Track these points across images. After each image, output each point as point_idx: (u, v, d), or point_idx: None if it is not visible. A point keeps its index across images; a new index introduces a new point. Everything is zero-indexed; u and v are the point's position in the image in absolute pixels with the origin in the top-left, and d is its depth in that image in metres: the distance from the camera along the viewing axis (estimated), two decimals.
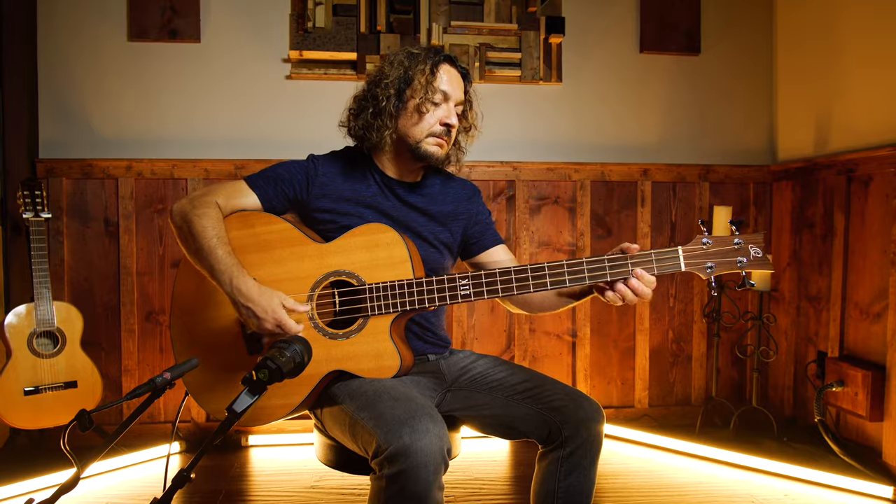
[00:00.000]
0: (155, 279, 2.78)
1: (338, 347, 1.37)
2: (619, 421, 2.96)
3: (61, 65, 2.75)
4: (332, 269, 1.39)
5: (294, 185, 1.50)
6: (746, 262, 1.33)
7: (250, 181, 1.50)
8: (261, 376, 1.04)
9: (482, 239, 1.63)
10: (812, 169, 2.78)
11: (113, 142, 2.78)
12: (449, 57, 1.54)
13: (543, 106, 3.01)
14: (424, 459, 1.12)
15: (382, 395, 1.27)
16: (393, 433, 1.14)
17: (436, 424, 1.17)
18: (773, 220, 3.06)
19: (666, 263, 1.33)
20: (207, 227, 1.37)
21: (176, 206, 1.44)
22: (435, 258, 1.57)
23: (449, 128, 1.51)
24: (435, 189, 1.62)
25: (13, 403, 2.31)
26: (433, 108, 1.49)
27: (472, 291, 1.34)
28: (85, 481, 2.34)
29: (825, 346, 2.71)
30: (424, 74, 1.48)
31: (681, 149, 3.07)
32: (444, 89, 1.49)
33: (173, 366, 1.14)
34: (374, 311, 1.36)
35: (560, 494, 1.42)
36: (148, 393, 1.10)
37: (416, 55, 1.52)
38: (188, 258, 1.43)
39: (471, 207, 1.65)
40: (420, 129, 1.49)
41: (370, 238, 1.39)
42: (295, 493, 2.30)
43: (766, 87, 3.10)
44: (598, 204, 3.01)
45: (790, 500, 2.24)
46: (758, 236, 1.34)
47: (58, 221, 2.69)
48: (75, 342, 2.45)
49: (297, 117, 2.87)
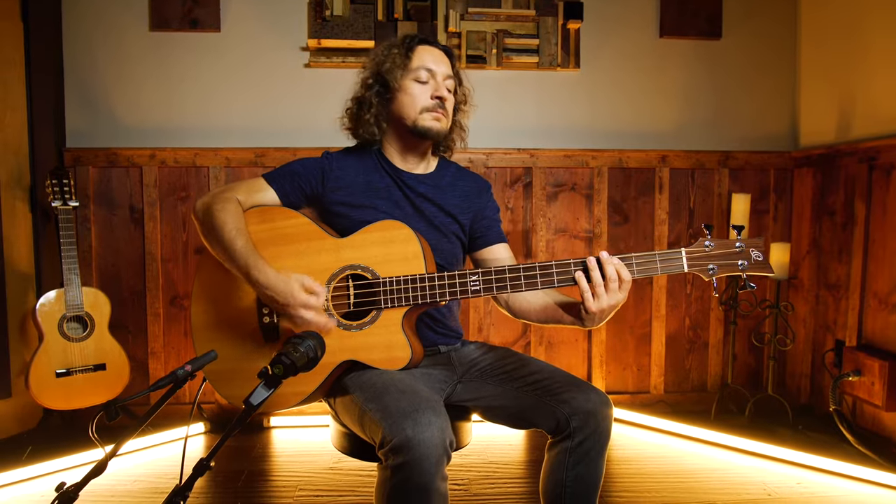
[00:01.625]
0: (179, 265, 2.86)
1: (351, 338, 1.42)
2: (635, 407, 2.98)
3: (86, 55, 2.80)
4: (347, 263, 1.43)
5: (310, 180, 1.55)
6: (747, 265, 1.36)
7: (268, 177, 1.55)
8: (276, 371, 1.09)
9: (486, 235, 1.66)
10: (834, 156, 2.74)
11: (135, 130, 2.84)
12: (424, 38, 1.59)
13: (561, 92, 3.00)
14: (426, 451, 1.16)
15: (390, 388, 1.31)
16: (397, 425, 1.18)
17: (438, 417, 1.20)
18: (793, 206, 3.03)
19: (669, 264, 1.36)
20: (228, 221, 1.42)
21: (198, 203, 1.50)
22: (448, 248, 1.60)
23: (441, 100, 1.55)
24: (446, 181, 1.65)
25: (46, 385, 2.41)
26: (420, 85, 1.54)
27: (482, 287, 1.38)
28: (113, 460, 2.43)
29: (843, 334, 2.70)
30: (401, 56, 1.54)
31: (699, 135, 3.04)
32: (426, 66, 1.54)
33: (194, 358, 1.19)
34: (387, 304, 1.40)
35: (568, 483, 1.46)
36: (170, 384, 1.15)
37: (391, 44, 1.58)
38: (210, 251, 1.48)
39: (479, 202, 1.68)
40: (412, 107, 1.54)
41: (385, 234, 1.43)
42: (314, 473, 2.37)
43: (788, 72, 3.05)
44: (615, 190, 3.00)
45: (802, 488, 2.26)
46: (758, 240, 1.37)
47: (85, 209, 2.77)
48: (103, 326, 2.53)
49: (315, 105, 2.90)
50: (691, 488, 2.26)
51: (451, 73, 1.59)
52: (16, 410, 2.63)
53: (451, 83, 1.58)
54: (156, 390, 1.13)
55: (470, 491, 2.24)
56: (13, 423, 2.63)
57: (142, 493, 2.22)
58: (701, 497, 2.19)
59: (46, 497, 2.18)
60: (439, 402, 1.28)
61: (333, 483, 2.29)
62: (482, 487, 2.27)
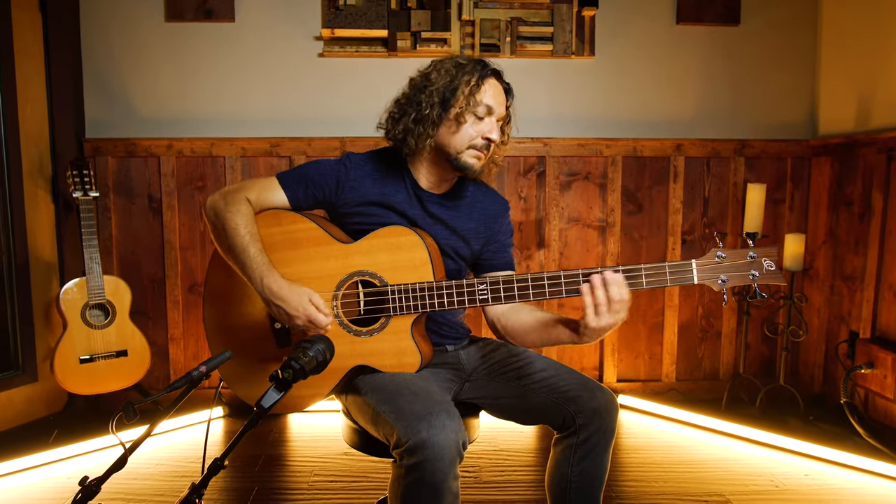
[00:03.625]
0: (196, 253, 2.91)
1: (361, 344, 1.45)
2: (646, 395, 3.01)
3: (103, 46, 2.84)
4: (355, 270, 1.45)
5: (324, 188, 1.54)
6: (759, 276, 1.33)
7: (282, 179, 1.54)
8: (286, 375, 1.12)
9: (494, 260, 1.65)
10: (852, 145, 2.70)
11: (152, 120, 2.88)
12: (496, 71, 1.53)
13: (575, 80, 2.98)
14: (441, 453, 1.19)
15: (403, 391, 1.34)
16: (412, 428, 1.22)
17: (452, 420, 1.24)
18: (810, 196, 3.00)
19: (679, 276, 1.34)
20: (240, 225, 1.44)
21: (209, 201, 1.51)
22: (451, 269, 1.60)
23: (490, 142, 1.51)
24: (464, 201, 1.62)
25: (70, 371, 2.49)
26: (476, 121, 1.49)
27: (489, 296, 1.39)
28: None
29: (857, 326, 2.68)
30: (470, 86, 1.47)
31: (715, 123, 3.01)
32: (488, 103, 1.49)
33: (208, 359, 1.23)
34: (396, 311, 1.43)
35: (573, 478, 1.49)
36: (185, 386, 1.20)
37: (463, 65, 1.51)
38: (220, 253, 1.50)
39: (494, 227, 1.65)
40: (461, 140, 1.49)
41: (391, 240, 1.45)
42: (329, 458, 2.43)
43: (809, 58, 3.00)
44: (629, 179, 2.99)
45: (810, 480, 2.27)
46: (772, 250, 1.34)
47: (105, 198, 2.83)
48: (125, 314, 2.60)
49: (329, 95, 2.92)
50: (699, 478, 2.29)
51: (505, 114, 1.55)
52: (42, 394, 2.72)
53: (501, 124, 1.54)
54: (172, 391, 1.18)
55: (481, 478, 2.29)
56: (40, 405, 2.72)
57: (163, 476, 2.29)
58: (708, 487, 2.22)
59: (73, 478, 2.27)
60: (451, 403, 1.31)
61: (347, 468, 2.35)
62: (493, 475, 2.31)
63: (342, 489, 2.20)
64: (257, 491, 2.18)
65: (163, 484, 2.24)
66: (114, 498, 2.12)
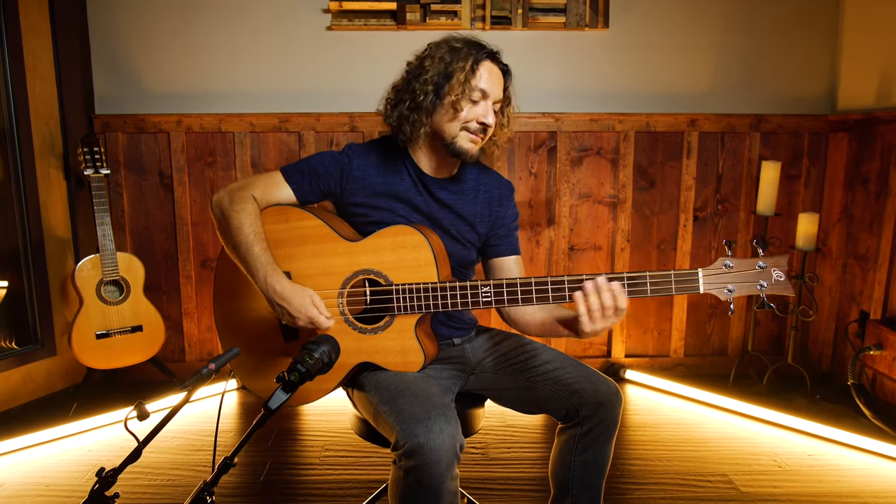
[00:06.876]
0: (208, 229, 2.93)
1: (366, 341, 1.47)
2: (654, 370, 3.03)
3: (110, 21, 2.81)
4: (361, 268, 1.46)
5: (328, 179, 1.54)
6: (767, 286, 1.30)
7: (286, 174, 1.55)
8: (292, 378, 1.15)
9: (500, 245, 1.65)
10: (871, 122, 2.64)
11: (161, 96, 2.87)
12: (492, 53, 1.51)
13: (588, 53, 2.91)
14: (437, 457, 1.22)
15: (404, 391, 1.36)
16: (409, 431, 1.24)
17: (449, 424, 1.26)
18: (826, 173, 2.95)
19: (685, 285, 1.32)
20: (245, 224, 1.44)
21: (215, 198, 1.51)
22: (462, 254, 1.61)
23: (485, 126, 1.50)
24: (468, 185, 1.62)
25: (87, 346, 2.55)
26: (471, 105, 1.48)
27: (493, 299, 1.40)
28: (151, 416, 2.59)
29: (869, 306, 2.67)
30: (464, 72, 1.46)
31: (731, 98, 2.95)
32: (483, 87, 1.47)
33: (217, 356, 1.26)
34: (401, 311, 1.44)
35: (576, 467, 1.52)
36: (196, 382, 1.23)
37: (458, 50, 1.49)
38: (226, 250, 1.51)
39: (499, 210, 1.65)
40: (455, 125, 1.49)
41: (396, 240, 1.45)
42: (340, 433, 2.49)
43: (828, 31, 2.91)
44: (641, 155, 2.95)
45: (813, 460, 2.30)
46: (782, 259, 1.30)
47: (116, 174, 2.84)
48: (139, 290, 2.64)
49: (338, 69, 2.88)
50: (703, 457, 2.32)
51: (501, 96, 1.53)
52: (61, 367, 2.79)
53: (498, 106, 1.53)
54: (183, 387, 1.21)
55: (487, 455, 2.34)
56: (59, 378, 2.80)
57: (178, 449, 2.36)
58: (712, 467, 2.25)
59: (92, 451, 2.35)
60: (450, 406, 1.33)
61: (358, 443, 2.40)
62: (499, 452, 2.36)
63: (352, 464, 2.26)
64: (270, 465, 2.25)
65: (178, 458, 2.31)
66: (131, 471, 2.18)
